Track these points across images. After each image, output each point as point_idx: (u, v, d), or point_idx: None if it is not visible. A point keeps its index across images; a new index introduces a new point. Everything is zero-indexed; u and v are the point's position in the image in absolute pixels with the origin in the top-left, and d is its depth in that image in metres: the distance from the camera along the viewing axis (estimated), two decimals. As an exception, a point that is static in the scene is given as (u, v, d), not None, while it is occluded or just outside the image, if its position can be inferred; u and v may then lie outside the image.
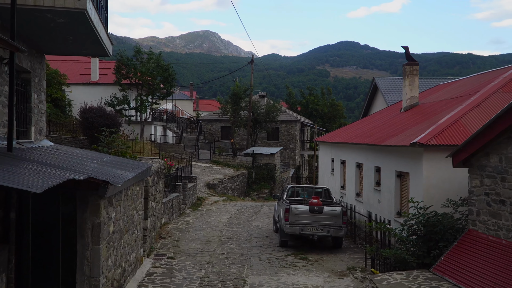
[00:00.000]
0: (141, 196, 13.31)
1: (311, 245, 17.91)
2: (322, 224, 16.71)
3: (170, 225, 21.38)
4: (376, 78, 38.08)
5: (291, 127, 51.82)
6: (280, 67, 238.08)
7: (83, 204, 8.15)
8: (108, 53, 12.96)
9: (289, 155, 51.41)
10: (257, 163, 41.25)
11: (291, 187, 20.34)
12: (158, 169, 17.28)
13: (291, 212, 16.78)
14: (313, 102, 79.89)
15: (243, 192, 38.66)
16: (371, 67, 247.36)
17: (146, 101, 40.53)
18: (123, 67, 39.79)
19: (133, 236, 11.97)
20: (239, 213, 26.30)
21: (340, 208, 16.92)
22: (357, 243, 18.47)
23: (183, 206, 25.71)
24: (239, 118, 46.08)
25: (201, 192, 31.66)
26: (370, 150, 19.54)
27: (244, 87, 45.06)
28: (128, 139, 36.23)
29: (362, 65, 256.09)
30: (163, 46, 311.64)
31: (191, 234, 19.43)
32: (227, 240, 18.55)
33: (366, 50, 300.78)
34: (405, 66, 21.97)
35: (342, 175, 24.91)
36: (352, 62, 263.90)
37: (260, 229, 21.46)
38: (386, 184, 17.33)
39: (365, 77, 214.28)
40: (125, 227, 10.66)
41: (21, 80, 11.70)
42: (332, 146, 26.71)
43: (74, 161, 9.72)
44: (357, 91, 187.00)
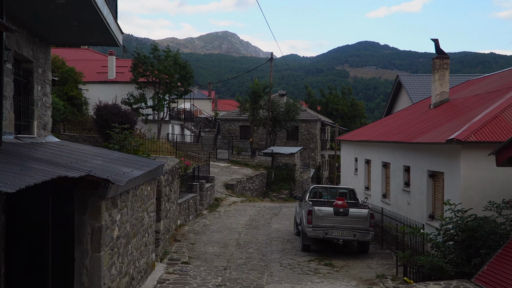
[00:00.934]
0: (153, 196, 12.31)
1: (335, 250, 16.77)
2: (348, 228, 15.56)
3: (186, 227, 20.41)
4: (400, 75, 36.73)
5: (311, 126, 50.59)
6: (299, 68, 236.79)
7: (82, 205, 7.15)
8: (118, 42, 12.00)
9: (309, 155, 50.20)
10: (277, 163, 40.14)
11: (313, 187, 19.19)
12: (172, 168, 16.29)
13: (314, 214, 15.65)
14: (333, 102, 78.61)
15: (262, 192, 37.59)
16: (391, 67, 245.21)
17: (163, 100, 39.69)
18: (140, 65, 39.03)
19: (143, 240, 10.97)
20: (258, 215, 25.24)
21: (367, 210, 15.74)
22: (384, 247, 17.25)
23: (200, 207, 24.73)
24: (258, 117, 45.03)
25: (219, 192, 30.68)
26: (398, 148, 18.32)
27: (263, 85, 43.97)
28: (145, 138, 35.50)
29: (382, 65, 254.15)
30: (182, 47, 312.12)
31: (207, 237, 18.42)
32: (245, 244, 17.49)
33: (386, 50, 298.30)
34: (435, 59, 20.68)
35: (366, 175, 23.69)
36: (372, 62, 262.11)
37: (281, 232, 20.37)
38: (417, 184, 16.11)
39: (385, 77, 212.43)
40: (133, 231, 9.66)
41: (22, 70, 10.78)
42: (356, 145, 25.49)
43: (76, 157, 8.74)
44: (376, 92, 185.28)
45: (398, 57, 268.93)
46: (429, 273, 11.36)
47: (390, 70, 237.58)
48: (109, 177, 6.89)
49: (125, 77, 41.94)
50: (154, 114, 41.63)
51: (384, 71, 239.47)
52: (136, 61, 39.31)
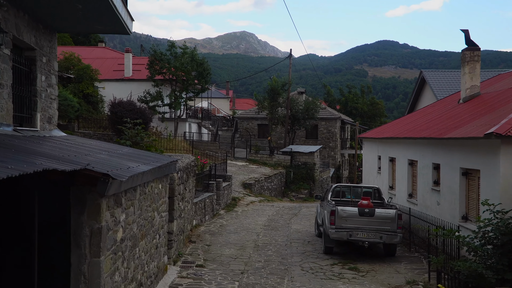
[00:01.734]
0: (165, 195, 11.46)
1: (359, 252, 15.75)
2: (374, 229, 14.54)
3: (202, 227, 19.56)
4: (424, 71, 35.45)
5: (331, 125, 49.45)
6: (317, 67, 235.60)
7: (79, 204, 6.29)
8: (127, 29, 11.16)
9: (329, 154, 49.07)
10: (296, 162, 39.14)
11: (336, 186, 18.16)
12: (187, 165, 15.44)
13: (337, 214, 14.67)
14: (353, 101, 77.43)
15: (281, 192, 36.63)
16: (410, 67, 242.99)
17: (180, 97, 38.94)
18: (156, 62, 38.35)
19: (154, 242, 10.11)
20: (277, 215, 24.30)
21: (395, 211, 14.70)
22: (412, 250, 16.19)
23: (217, 206, 23.88)
24: (277, 115, 44.05)
25: (236, 192, 29.82)
26: (426, 145, 17.23)
27: (282, 82, 42.96)
28: (161, 136, 34.80)
29: (401, 65, 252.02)
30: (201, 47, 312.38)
31: (224, 238, 17.53)
32: (264, 246, 16.56)
33: (406, 49, 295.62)
34: (465, 51, 19.52)
35: (390, 174, 22.59)
36: (391, 61, 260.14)
37: (301, 233, 19.41)
38: (448, 183, 15.01)
39: (404, 77, 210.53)
40: (141, 232, 8.80)
41: (25, 58, 10.00)
42: (379, 143, 24.39)
43: (77, 151, 7.91)
44: (396, 91, 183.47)
45: (417, 56, 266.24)
46: (466, 280, 10.31)
47: (409, 69, 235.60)
48: (110, 171, 6.01)
49: (142, 74, 41.31)
50: (171, 112, 40.93)
51: (403, 70, 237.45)
52: (153, 58, 38.64)
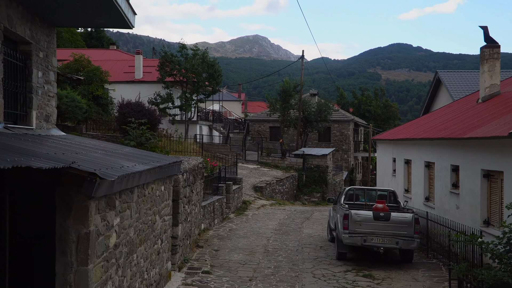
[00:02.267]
0: (168, 197, 10.85)
1: (374, 258, 15.03)
2: (389, 234, 13.81)
3: (210, 231, 18.95)
4: (440, 72, 34.59)
5: (344, 127, 48.66)
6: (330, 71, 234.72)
7: (65, 207, 5.69)
8: (129, 23, 10.59)
9: (342, 157, 48.26)
10: (308, 165, 38.41)
11: (349, 189, 17.43)
12: (194, 167, 14.83)
13: (351, 218, 13.96)
14: (366, 103, 76.41)
15: (293, 195, 35.92)
16: (424, 70, 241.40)
17: (191, 99, 38.42)
18: (167, 64, 37.90)
19: (155, 247, 9.50)
20: (289, 219, 23.61)
21: (412, 215, 13.95)
22: (430, 256, 15.42)
23: (227, 210, 23.25)
24: (289, 117, 43.37)
25: (247, 195, 29.18)
26: (444, 146, 16.47)
27: (294, 83, 42.28)
28: (171, 138, 34.29)
29: (414, 68, 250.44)
30: (214, 51, 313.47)
31: (233, 243, 16.89)
32: (274, 251, 15.88)
33: (419, 52, 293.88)
34: (484, 49, 18.72)
35: (406, 177, 21.83)
36: (404, 64, 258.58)
37: (313, 238, 18.71)
38: (468, 186, 14.25)
39: (418, 80, 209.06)
40: (139, 237, 8.19)
41: (20, 52, 9.45)
42: (394, 144, 23.63)
43: (69, 149, 7.33)
44: (409, 94, 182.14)
45: (431, 59, 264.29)
46: (490, 289, 9.58)
47: (423, 72, 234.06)
48: (97, 170, 5.40)
49: (152, 76, 40.92)
50: (181, 114, 40.43)
51: (417, 73, 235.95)
52: (163, 60, 38.21)
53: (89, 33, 77.56)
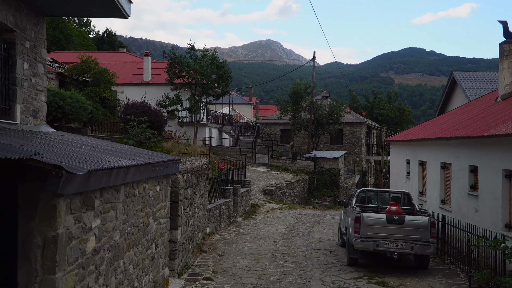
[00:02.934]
0: (165, 198, 10.10)
1: (387, 264, 14.15)
2: (404, 238, 12.93)
3: (216, 235, 18.18)
4: (455, 72, 33.57)
5: (356, 130, 47.70)
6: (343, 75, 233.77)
7: (29, 206, 4.94)
8: (124, 11, 9.92)
9: (354, 160, 47.29)
10: (319, 168, 37.53)
11: (361, 191, 16.53)
12: (197, 167, 14.07)
13: (362, 221, 13.11)
14: (378, 107, 75.44)
15: (304, 199, 35.05)
16: (437, 74, 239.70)
17: (199, 101, 37.74)
18: (175, 65, 37.27)
19: (148, 252, 8.74)
20: (298, 223, 22.77)
21: (427, 218, 13.05)
22: (447, 262, 14.49)
23: (234, 213, 22.48)
24: (300, 119, 42.52)
25: (256, 198, 28.40)
26: (462, 146, 15.56)
27: (305, 85, 41.43)
28: (179, 140, 33.61)
29: (428, 72, 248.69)
30: (226, 56, 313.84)
31: (239, 247, 16.09)
32: (281, 256, 15.06)
33: (432, 56, 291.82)
34: (503, 44, 17.77)
35: (420, 179, 20.90)
36: (418, 68, 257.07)
37: (323, 242, 17.86)
38: (488, 187, 13.33)
39: (431, 84, 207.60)
40: (127, 241, 7.43)
41: (1, 40, 8.77)
42: (408, 146, 22.71)
43: (46, 143, 6.61)
44: (422, 98, 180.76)
45: (445, 63, 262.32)
46: (515, 299, 8.70)
47: (436, 76, 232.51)
48: (64, 162, 4.64)
49: (161, 78, 40.33)
50: (190, 117, 39.75)
51: (430, 77, 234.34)
52: (172, 61, 37.60)
53: (100, 37, 77.41)
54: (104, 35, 77.27)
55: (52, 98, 22.88)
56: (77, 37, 68.90)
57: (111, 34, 77.72)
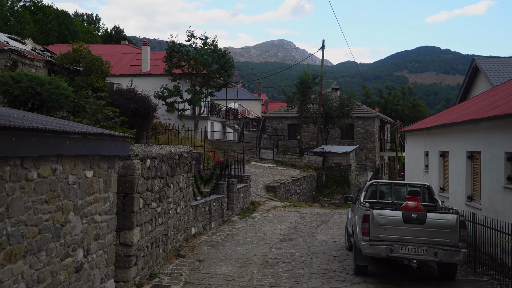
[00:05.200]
0: (106, 188, 7.55)
1: (404, 273, 11.49)
2: (425, 242, 10.23)
3: (203, 236, 15.64)
4: (477, 59, 30.76)
5: (369, 124, 44.84)
6: (356, 74, 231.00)
7: None
8: None
9: (367, 156, 44.46)
10: (328, 164, 34.82)
11: (371, 183, 13.73)
12: (170, 154, 11.51)
13: (373, 220, 10.44)
14: (392, 102, 72.75)
15: (311, 197, 32.38)
16: (452, 72, 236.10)
17: (200, 93, 35.20)
18: (174, 54, 34.77)
19: (66, 262, 6.19)
20: (302, 222, 20.16)
21: (456, 216, 10.32)
22: (479, 272, 11.74)
23: (229, 211, 19.92)
24: (308, 112, 39.74)
25: (258, 195, 25.83)
26: (495, 130, 12.84)
27: (313, 74, 38.60)
28: (178, 134, 31.19)
29: (443, 71, 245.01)
30: (239, 56, 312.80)
31: (225, 251, 13.51)
32: (274, 262, 12.42)
33: (448, 54, 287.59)
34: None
35: (441, 172, 18.18)
36: (432, 67, 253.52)
37: (327, 245, 15.21)
38: (531, 178, 10.62)
39: (447, 83, 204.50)
40: (8, 248, 4.85)
41: None
42: (427, 135, 19.98)
43: None
44: (437, 97, 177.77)
45: (460, 61, 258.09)
46: None
47: (452, 75, 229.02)
48: None
49: (160, 69, 37.90)
50: (191, 109, 37.21)
51: (445, 76, 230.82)
52: (171, 49, 35.11)
53: (108, 34, 75.44)
54: (112, 32, 75.38)
55: (29, 83, 20.32)
56: (84, 33, 67.02)
57: (119, 31, 75.78)
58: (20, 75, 20.39)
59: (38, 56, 30.36)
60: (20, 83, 19.87)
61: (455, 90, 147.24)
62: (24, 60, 28.60)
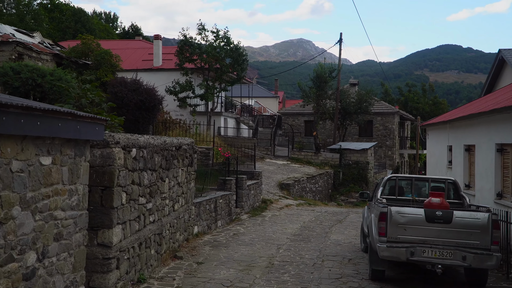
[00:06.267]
0: (72, 179, 6.38)
1: (425, 279, 10.16)
2: (452, 244, 8.89)
3: (207, 236, 14.47)
4: (504, 50, 28.92)
5: (388, 120, 43.26)
6: (376, 74, 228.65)
7: None
8: None
9: (386, 153, 42.89)
10: (346, 161, 33.42)
11: (390, 178, 12.32)
12: (164, 144, 10.35)
13: (391, 219, 9.13)
14: (413, 100, 70.95)
15: (327, 195, 31.02)
16: (474, 71, 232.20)
17: (213, 87, 34.01)
18: (186, 48, 33.66)
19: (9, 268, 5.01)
20: (315, 221, 18.88)
21: (487, 215, 8.96)
22: (512, 278, 10.39)
23: (237, 209, 18.73)
24: (325, 108, 38.30)
25: (270, 193, 24.61)
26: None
27: (329, 68, 37.15)
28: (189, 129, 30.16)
29: (464, 69, 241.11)
30: (258, 56, 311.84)
31: (229, 252, 12.30)
32: (281, 265, 11.17)
33: (469, 53, 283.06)
34: None
35: (466, 168, 16.76)
36: (454, 66, 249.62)
37: (341, 246, 13.92)
38: None
39: (468, 82, 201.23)
40: None
41: None
42: (451, 128, 18.55)
43: None
44: (459, 97, 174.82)
45: (482, 60, 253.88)
46: None
47: (474, 74, 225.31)
48: None
49: (173, 64, 36.80)
50: (204, 105, 36.08)
51: (466, 75, 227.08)
52: (182, 43, 34.01)
53: (126, 32, 74.87)
54: (130, 30, 74.83)
55: (29, 74, 19.31)
56: (101, 31, 66.55)
57: (136, 29, 75.21)
58: (21, 66, 19.40)
59: (45, 49, 29.49)
60: (20, 74, 18.89)
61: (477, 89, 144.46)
62: (30, 53, 27.75)
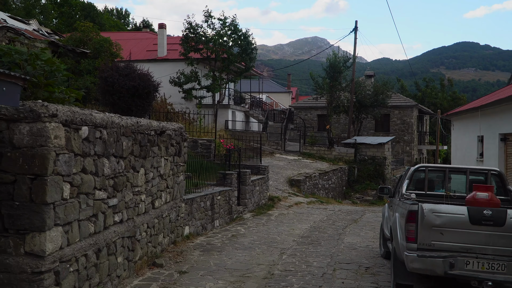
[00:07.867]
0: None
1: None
2: (505, 254, 6.73)
3: (200, 238, 12.45)
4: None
5: (406, 114, 40.86)
6: (391, 71, 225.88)
7: None
8: None
9: (404, 149, 40.51)
10: (361, 156, 31.21)
11: (418, 168, 9.80)
12: (137, 126, 8.33)
13: (423, 220, 6.97)
14: (431, 96, 68.43)
15: (341, 192, 28.85)
16: (492, 68, 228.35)
17: (220, 78, 31.97)
18: (191, 37, 31.65)
19: None
20: (327, 221, 16.77)
21: (553, 215, 6.81)
22: None
23: (240, 208, 16.70)
24: (339, 101, 36.03)
25: (279, 190, 22.56)
26: None
27: (343, 57, 34.86)
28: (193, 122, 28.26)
29: (482, 67, 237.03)
30: (272, 54, 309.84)
31: (221, 258, 10.24)
32: (282, 276, 9.07)
33: (487, 50, 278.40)
34: None
35: (502, 160, 14.49)
36: (471, 63, 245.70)
37: (356, 250, 11.78)
38: None
39: (486, 79, 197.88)
40: None
41: None
42: (482, 116, 16.30)
43: None
44: (476, 94, 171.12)
45: (500, 57, 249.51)
46: None
47: (491, 71, 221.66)
48: None
49: (178, 54, 34.87)
50: (210, 97, 34.08)
51: (484, 72, 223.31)
52: (187, 32, 32.01)
53: (137, 28, 73.69)
54: (141, 25, 73.74)
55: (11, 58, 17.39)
56: (112, 27, 65.27)
57: (148, 25, 74.01)
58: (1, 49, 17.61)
59: (40, 36, 27.69)
60: (2, 58, 17.09)
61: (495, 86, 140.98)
62: (23, 40, 25.93)
